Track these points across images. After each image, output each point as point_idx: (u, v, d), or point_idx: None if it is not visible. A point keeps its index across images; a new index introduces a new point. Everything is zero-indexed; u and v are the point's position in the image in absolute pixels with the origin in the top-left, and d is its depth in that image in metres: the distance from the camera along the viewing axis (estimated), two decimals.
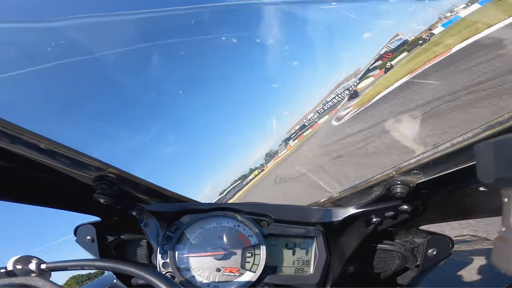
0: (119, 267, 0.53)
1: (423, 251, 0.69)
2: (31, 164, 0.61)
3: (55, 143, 0.58)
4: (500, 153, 0.26)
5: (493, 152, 0.27)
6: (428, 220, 0.71)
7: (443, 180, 0.57)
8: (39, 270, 0.50)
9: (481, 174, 0.29)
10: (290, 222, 0.73)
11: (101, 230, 0.83)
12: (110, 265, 0.55)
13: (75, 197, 0.77)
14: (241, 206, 0.76)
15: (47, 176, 0.68)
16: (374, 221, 0.67)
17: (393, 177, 0.62)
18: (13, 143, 0.54)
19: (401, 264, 0.74)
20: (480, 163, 0.29)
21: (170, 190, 0.85)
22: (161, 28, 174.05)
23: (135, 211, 0.77)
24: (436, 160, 0.52)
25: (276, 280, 0.66)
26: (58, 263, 0.53)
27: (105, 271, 0.81)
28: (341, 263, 0.70)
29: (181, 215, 0.77)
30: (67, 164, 0.63)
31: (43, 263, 0.52)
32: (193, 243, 0.73)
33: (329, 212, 0.73)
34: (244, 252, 0.70)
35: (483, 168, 0.28)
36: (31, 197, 0.71)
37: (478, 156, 0.29)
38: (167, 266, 0.70)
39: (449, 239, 0.68)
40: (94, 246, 0.81)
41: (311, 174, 9.42)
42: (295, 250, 0.70)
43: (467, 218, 0.67)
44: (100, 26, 59.13)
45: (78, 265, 0.54)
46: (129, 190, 0.75)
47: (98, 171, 0.68)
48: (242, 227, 0.73)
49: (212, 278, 0.68)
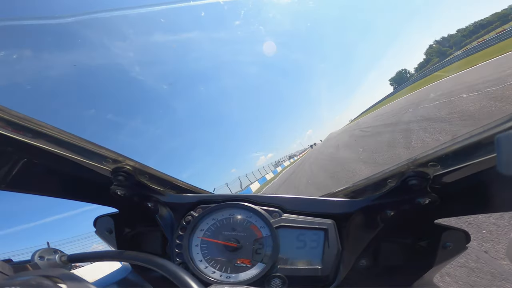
0: (137, 259, 0.55)
1: (439, 245, 0.67)
2: (51, 158, 0.63)
3: (74, 136, 0.60)
4: None
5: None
6: (445, 214, 0.68)
7: (462, 173, 0.55)
8: (61, 262, 0.52)
9: (502, 166, 0.28)
10: (302, 214, 0.73)
11: (119, 222, 0.86)
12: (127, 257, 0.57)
13: (93, 189, 0.79)
14: (253, 198, 0.76)
15: (66, 169, 0.70)
16: (388, 213, 0.66)
17: (409, 169, 0.60)
18: (34, 137, 0.56)
19: (416, 258, 0.72)
20: (500, 154, 0.28)
21: (184, 182, 0.86)
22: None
23: (151, 202, 0.79)
24: (454, 152, 0.49)
25: (288, 271, 0.67)
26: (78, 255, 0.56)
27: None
28: (353, 255, 0.70)
29: (195, 206, 0.79)
30: (85, 156, 0.64)
31: (64, 255, 0.54)
32: (207, 234, 0.74)
33: (342, 204, 0.72)
34: (256, 244, 0.70)
35: (504, 159, 0.27)
36: (51, 189, 0.74)
37: (498, 147, 0.28)
38: (181, 257, 0.72)
39: (465, 233, 0.66)
40: (112, 238, 0.84)
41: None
42: (306, 241, 0.70)
43: (486, 212, 0.65)
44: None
45: (97, 257, 0.56)
46: (144, 182, 0.76)
47: (115, 163, 0.69)
48: (254, 218, 0.73)
49: (225, 269, 0.69)
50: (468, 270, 2.18)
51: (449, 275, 2.19)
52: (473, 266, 2.20)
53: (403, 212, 0.65)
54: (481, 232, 2.62)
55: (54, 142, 0.59)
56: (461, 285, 2.06)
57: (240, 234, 0.72)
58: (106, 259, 0.57)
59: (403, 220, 0.67)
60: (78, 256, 0.56)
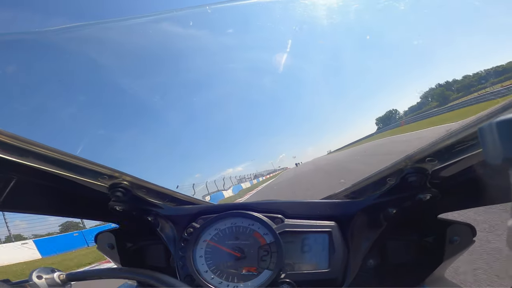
0: (138, 276, 0.54)
1: (445, 240, 0.67)
2: (44, 176, 0.62)
3: (66, 153, 0.59)
4: (506, 132, 0.25)
5: (498, 131, 0.25)
6: (447, 209, 0.68)
7: (459, 166, 0.56)
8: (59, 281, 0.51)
9: (488, 156, 0.27)
10: (304, 218, 0.72)
11: (120, 237, 0.85)
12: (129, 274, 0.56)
13: (91, 205, 0.78)
14: (254, 205, 0.76)
15: (62, 187, 0.69)
16: (390, 211, 0.65)
17: (407, 165, 0.60)
18: (23, 156, 0.55)
19: (423, 255, 0.72)
20: (485, 144, 0.28)
21: (182, 193, 0.85)
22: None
23: (151, 216, 0.78)
24: (450, 146, 0.50)
25: (295, 277, 0.66)
26: (78, 273, 0.54)
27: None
28: (360, 256, 0.69)
29: (196, 217, 0.78)
30: (80, 173, 0.64)
31: (62, 274, 0.52)
32: (210, 244, 0.73)
33: (343, 205, 0.72)
34: (261, 251, 0.69)
35: (489, 149, 0.27)
36: (48, 208, 0.73)
37: (482, 138, 0.28)
38: (186, 269, 0.70)
39: (471, 226, 0.66)
40: (115, 253, 0.83)
41: None
42: (311, 245, 0.69)
43: (487, 204, 0.64)
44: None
45: (97, 275, 0.55)
46: (142, 196, 0.75)
47: (112, 179, 0.69)
48: (256, 226, 0.72)
49: (231, 278, 0.68)
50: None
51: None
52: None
53: (405, 209, 0.65)
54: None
55: (45, 160, 0.57)
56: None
57: (243, 243, 0.71)
58: (107, 276, 0.56)
59: (406, 217, 0.67)
60: (78, 275, 0.55)
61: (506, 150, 0.25)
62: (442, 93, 44.27)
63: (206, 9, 1.15)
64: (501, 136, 0.25)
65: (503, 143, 0.25)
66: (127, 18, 1.18)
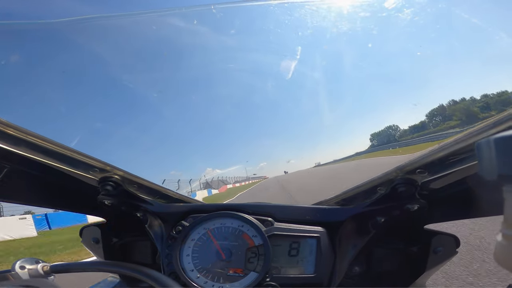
0: (122, 269, 0.53)
1: (429, 250, 0.68)
2: (36, 166, 0.61)
3: (59, 144, 0.58)
4: (502, 149, 0.26)
5: (495, 148, 0.26)
6: (434, 220, 0.70)
7: (449, 179, 0.57)
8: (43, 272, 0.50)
9: (484, 171, 0.28)
10: (294, 222, 0.72)
11: (106, 231, 0.83)
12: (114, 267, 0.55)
13: (80, 198, 0.77)
14: (245, 207, 0.76)
15: (51, 178, 0.68)
16: (379, 220, 0.66)
17: (397, 176, 0.61)
18: (16, 144, 0.54)
19: (407, 264, 0.73)
20: (481, 159, 0.29)
21: (173, 191, 0.85)
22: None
23: (140, 212, 0.77)
24: (441, 159, 0.51)
25: (281, 280, 0.66)
26: (62, 265, 0.54)
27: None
28: (346, 263, 0.69)
29: (185, 215, 0.77)
30: (71, 165, 0.63)
31: (46, 265, 0.52)
32: (198, 243, 0.73)
33: (333, 211, 0.72)
34: (248, 253, 0.69)
35: (485, 165, 0.28)
36: (35, 198, 0.72)
37: (479, 152, 0.29)
38: (172, 267, 0.70)
39: (455, 238, 0.67)
40: (99, 247, 0.81)
41: None
42: (299, 250, 0.69)
43: (473, 217, 0.66)
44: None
45: (82, 267, 0.54)
46: (133, 192, 0.75)
47: (103, 172, 0.68)
48: (246, 227, 0.72)
49: (217, 279, 0.68)
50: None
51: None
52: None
53: (393, 218, 0.66)
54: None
55: (38, 150, 0.57)
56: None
57: (232, 244, 0.71)
58: (91, 269, 0.55)
59: (394, 226, 0.68)
60: (62, 267, 0.54)
61: (501, 166, 0.26)
62: (467, 109, 43.14)
63: (211, 9, 1.16)
64: (498, 152, 0.26)
65: (499, 159, 0.26)
66: (131, 13, 1.18)
